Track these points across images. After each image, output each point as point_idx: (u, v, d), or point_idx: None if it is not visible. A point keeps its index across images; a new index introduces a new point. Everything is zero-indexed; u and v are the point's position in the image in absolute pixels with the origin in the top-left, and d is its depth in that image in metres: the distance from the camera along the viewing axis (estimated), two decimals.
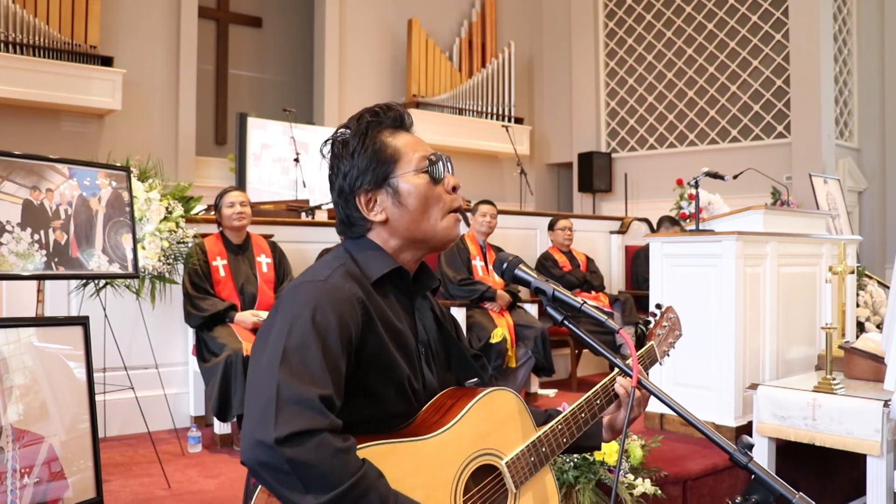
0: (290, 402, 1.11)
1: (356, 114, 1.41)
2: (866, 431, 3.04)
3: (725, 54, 9.79)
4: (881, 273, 8.76)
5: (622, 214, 8.86)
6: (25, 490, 2.52)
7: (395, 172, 1.36)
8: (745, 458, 1.17)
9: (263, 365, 1.18)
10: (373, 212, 1.37)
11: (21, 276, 2.91)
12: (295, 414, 1.10)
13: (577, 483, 2.95)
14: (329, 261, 1.36)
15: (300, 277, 1.33)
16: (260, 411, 1.12)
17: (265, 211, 5.71)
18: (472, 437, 1.32)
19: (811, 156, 8.81)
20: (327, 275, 1.29)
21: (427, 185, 1.37)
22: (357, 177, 1.36)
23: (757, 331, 3.84)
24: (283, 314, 1.24)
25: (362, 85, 9.88)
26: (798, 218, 4.57)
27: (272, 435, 1.08)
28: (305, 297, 1.24)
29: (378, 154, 1.36)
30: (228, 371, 3.75)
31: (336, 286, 1.27)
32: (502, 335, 4.79)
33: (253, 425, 1.11)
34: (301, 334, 1.19)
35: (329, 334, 1.20)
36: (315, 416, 1.11)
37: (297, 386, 1.13)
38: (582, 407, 1.51)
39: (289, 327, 1.20)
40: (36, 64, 7.35)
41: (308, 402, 1.12)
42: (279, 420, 1.09)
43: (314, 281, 1.28)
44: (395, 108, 1.42)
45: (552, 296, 1.38)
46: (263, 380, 1.15)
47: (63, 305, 3.99)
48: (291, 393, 1.12)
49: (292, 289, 1.29)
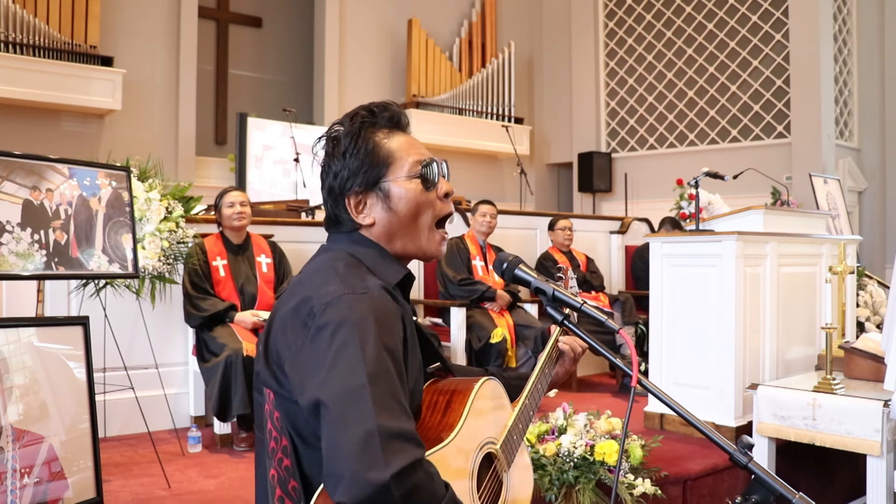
0: (393, 436, 1.08)
1: (351, 111, 1.38)
2: (866, 431, 3.04)
3: (725, 54, 9.80)
4: (881, 273, 8.77)
5: (622, 214, 8.86)
6: (25, 490, 2.52)
7: (387, 176, 1.33)
8: (745, 458, 1.17)
9: (343, 394, 1.10)
10: (361, 214, 1.34)
11: (21, 276, 2.91)
12: (400, 448, 1.07)
13: (577, 483, 2.95)
14: (346, 268, 1.28)
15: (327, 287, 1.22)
16: (360, 448, 1.06)
17: (265, 211, 5.70)
18: (476, 431, 1.34)
19: (811, 156, 8.81)
20: (367, 286, 1.22)
21: (419, 191, 1.34)
22: (348, 178, 1.33)
23: (757, 331, 3.84)
24: (342, 333, 1.15)
25: (362, 85, 9.88)
26: (798, 218, 4.57)
27: (386, 473, 1.04)
28: (361, 314, 1.17)
29: (371, 156, 1.33)
30: (228, 371, 3.75)
31: (383, 300, 1.22)
32: (502, 335, 4.79)
33: (355, 464, 1.06)
34: (377, 359, 1.13)
35: (396, 356, 1.18)
36: (415, 447, 1.10)
37: (394, 418, 1.10)
38: (539, 378, 1.53)
39: (360, 350, 1.13)
40: (36, 64, 7.35)
41: (408, 435, 1.10)
42: (387, 457, 1.06)
43: (356, 294, 1.20)
44: (391, 107, 1.39)
45: (552, 296, 1.38)
46: (352, 412, 1.09)
47: (63, 305, 3.99)
48: (392, 426, 1.08)
49: (332, 302, 1.18)
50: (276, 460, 1.27)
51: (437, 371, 1.46)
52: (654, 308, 4.03)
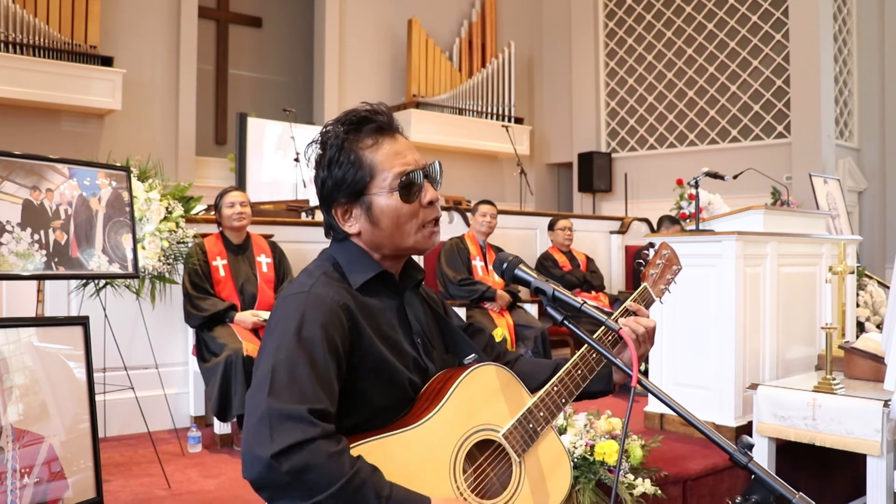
0: (282, 417, 1.14)
1: (341, 115, 1.39)
2: (866, 431, 3.04)
3: (725, 54, 9.79)
4: (881, 273, 8.77)
5: (622, 214, 8.86)
6: (25, 490, 2.52)
7: (369, 189, 1.35)
8: (745, 458, 1.17)
9: (256, 383, 1.21)
10: (348, 223, 1.38)
11: (21, 276, 2.91)
12: (288, 428, 1.14)
13: (577, 483, 2.95)
14: (312, 269, 1.37)
15: (287, 290, 1.35)
16: (254, 429, 1.15)
17: (265, 211, 5.71)
18: (463, 416, 1.34)
19: (811, 156, 8.81)
20: (310, 284, 1.31)
21: (400, 205, 1.35)
22: (332, 189, 1.37)
23: (757, 331, 3.84)
24: (273, 331, 1.27)
25: (362, 85, 9.88)
26: (798, 218, 4.57)
27: (269, 450, 1.11)
28: (290, 312, 1.27)
29: (353, 168, 1.35)
30: (228, 371, 3.75)
31: (319, 296, 1.28)
32: (502, 335, 4.79)
33: (249, 443, 1.15)
34: (288, 350, 1.22)
35: (315, 347, 1.23)
36: (306, 427, 1.14)
37: (287, 401, 1.16)
38: (577, 364, 1.49)
39: (276, 344, 1.23)
40: (36, 64, 7.35)
41: (299, 415, 1.15)
42: (273, 436, 1.13)
43: (298, 294, 1.30)
44: (379, 113, 1.38)
45: (552, 296, 1.38)
46: (256, 398, 1.19)
47: (63, 305, 3.99)
48: (281, 408, 1.15)
49: (280, 303, 1.32)
50: None
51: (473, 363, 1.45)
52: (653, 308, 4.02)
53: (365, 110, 1.38)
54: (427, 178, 1.39)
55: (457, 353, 1.49)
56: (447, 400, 1.33)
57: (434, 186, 1.40)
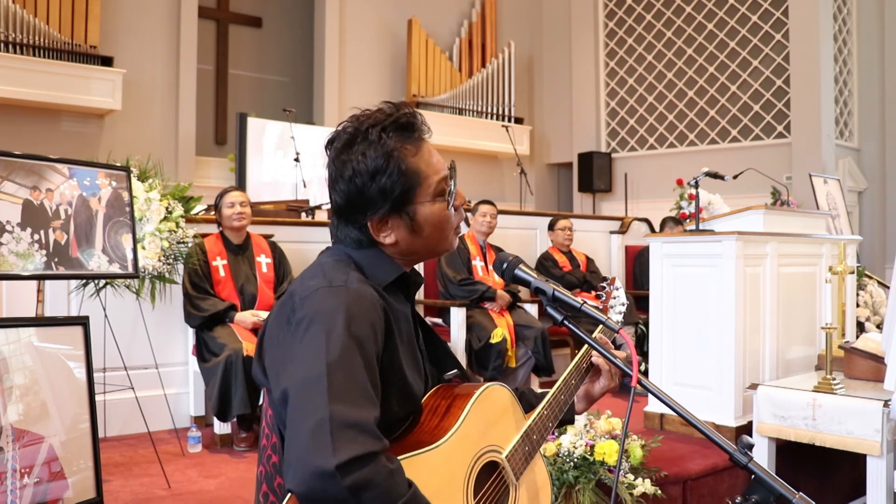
0: (346, 425, 1.04)
1: (372, 117, 1.28)
2: (866, 431, 3.04)
3: (725, 54, 9.79)
4: (881, 273, 8.76)
5: (622, 214, 8.86)
6: (25, 490, 2.52)
7: (414, 199, 1.27)
8: (745, 458, 1.17)
9: (305, 382, 1.08)
10: (383, 233, 1.29)
11: (21, 276, 2.91)
12: (352, 438, 1.03)
13: (577, 483, 2.95)
14: (334, 264, 1.26)
15: (312, 282, 1.21)
16: (311, 436, 1.03)
17: (265, 211, 5.71)
18: (476, 436, 1.31)
19: (811, 156, 8.81)
20: (345, 280, 1.20)
21: (443, 211, 1.30)
22: (376, 198, 1.25)
23: (757, 331, 3.84)
24: (309, 324, 1.14)
25: (362, 85, 9.88)
26: (798, 218, 4.57)
27: (332, 462, 1.00)
28: (332, 305, 1.15)
29: (403, 178, 1.25)
30: (228, 371, 3.75)
31: (359, 292, 1.18)
32: (502, 335, 4.79)
33: (305, 451, 1.03)
34: (341, 348, 1.10)
35: (366, 346, 1.14)
36: (371, 439, 1.05)
37: (350, 407, 1.06)
38: (561, 389, 1.51)
39: (325, 340, 1.11)
40: (36, 64, 7.35)
41: (364, 425, 1.05)
42: (337, 446, 1.02)
43: (332, 287, 1.18)
44: (416, 115, 1.30)
45: (552, 296, 1.37)
46: (309, 400, 1.06)
47: (63, 305, 3.99)
48: (346, 416, 1.04)
49: (308, 296, 1.18)
50: (265, 457, 1.28)
51: (454, 378, 1.43)
52: (654, 308, 4.03)
53: (406, 114, 1.29)
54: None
55: (439, 367, 1.44)
56: (465, 418, 1.28)
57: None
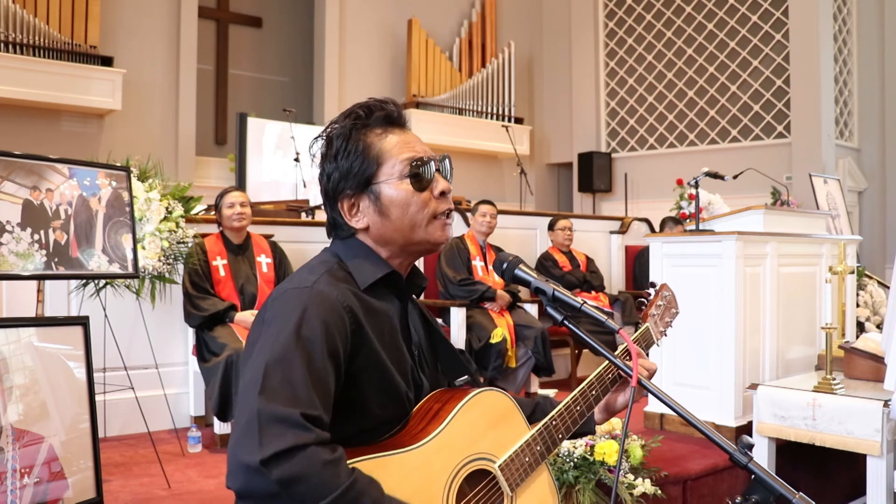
0: (274, 420, 1.05)
1: (347, 109, 1.34)
2: (866, 431, 3.04)
3: (725, 54, 9.80)
4: (881, 273, 8.76)
5: (622, 214, 8.86)
6: (25, 490, 2.52)
7: (377, 177, 1.29)
8: (745, 458, 1.17)
9: (246, 383, 1.11)
10: (355, 218, 1.31)
11: (21, 276, 2.91)
12: (279, 433, 1.05)
13: (577, 483, 2.95)
14: (315, 265, 1.29)
15: (285, 284, 1.26)
16: (242, 433, 1.06)
17: (265, 211, 5.71)
18: (462, 443, 1.28)
19: (811, 156, 8.81)
20: (313, 281, 1.22)
21: (411, 192, 1.29)
22: (339, 180, 1.30)
23: (757, 331, 3.84)
24: (268, 326, 1.17)
25: (362, 85, 9.88)
26: (798, 218, 4.57)
27: (258, 456, 1.03)
28: (289, 307, 1.18)
29: (361, 156, 1.29)
30: (229, 371, 3.75)
31: (322, 293, 1.20)
32: (502, 335, 4.79)
33: (235, 448, 1.06)
34: (284, 349, 1.12)
35: (314, 347, 1.14)
36: (299, 432, 1.06)
37: (281, 404, 1.07)
38: (577, 400, 1.45)
39: (272, 340, 1.14)
40: (36, 64, 7.35)
41: (293, 420, 1.06)
42: (263, 440, 1.04)
43: (299, 288, 1.21)
44: (388, 103, 1.33)
45: (552, 296, 1.37)
46: (245, 399, 1.09)
47: (63, 305, 3.99)
48: (274, 411, 1.06)
49: (277, 297, 1.22)
50: None
51: (465, 385, 1.40)
52: None
53: (373, 100, 1.34)
54: (438, 172, 1.33)
55: (450, 373, 1.43)
56: (448, 423, 1.26)
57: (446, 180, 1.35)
